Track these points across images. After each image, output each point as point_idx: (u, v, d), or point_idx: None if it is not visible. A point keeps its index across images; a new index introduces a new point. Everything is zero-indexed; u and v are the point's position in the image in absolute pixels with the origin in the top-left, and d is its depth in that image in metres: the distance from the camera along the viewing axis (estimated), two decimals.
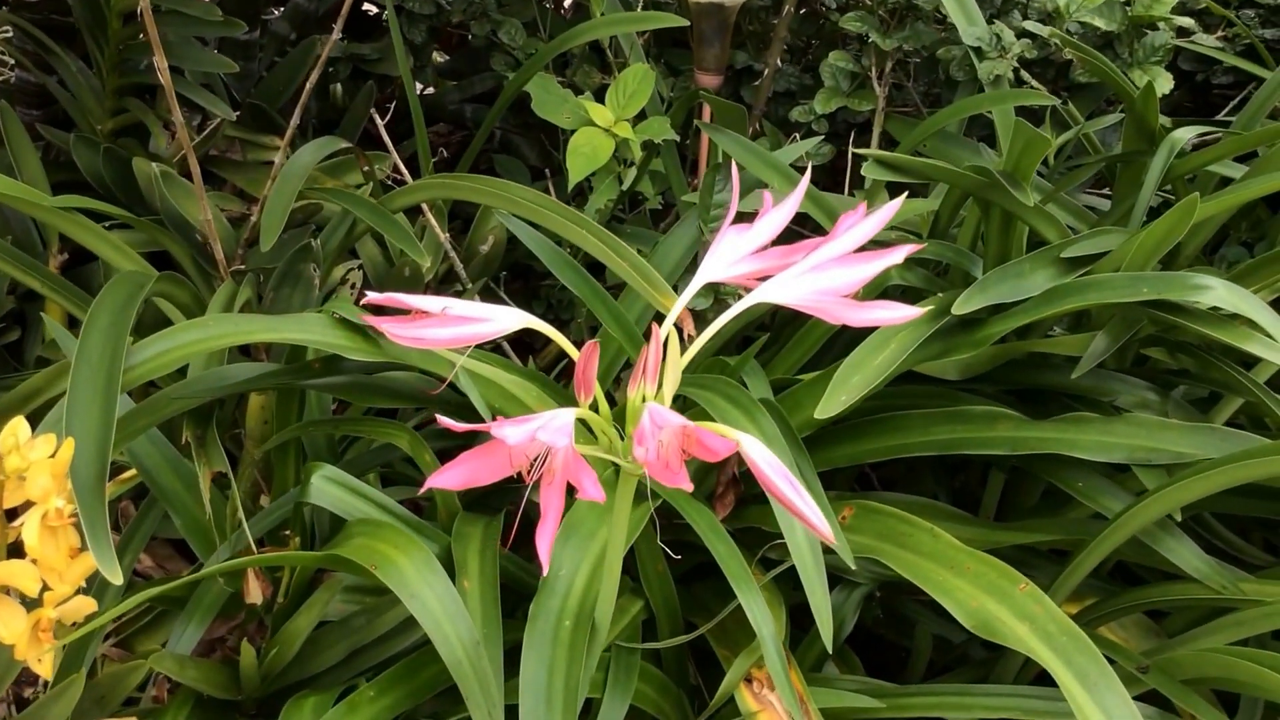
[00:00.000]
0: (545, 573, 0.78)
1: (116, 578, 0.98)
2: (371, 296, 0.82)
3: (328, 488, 1.27)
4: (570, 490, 0.81)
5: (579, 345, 1.87)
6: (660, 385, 0.88)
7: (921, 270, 1.58)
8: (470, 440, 0.79)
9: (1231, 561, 1.40)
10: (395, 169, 1.88)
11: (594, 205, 1.78)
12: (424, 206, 1.74)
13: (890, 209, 0.90)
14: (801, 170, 1.65)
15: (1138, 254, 1.30)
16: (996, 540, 1.39)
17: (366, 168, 1.85)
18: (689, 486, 0.75)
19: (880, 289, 1.53)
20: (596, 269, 1.47)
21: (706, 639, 1.37)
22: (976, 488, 1.60)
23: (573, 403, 0.82)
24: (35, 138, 1.92)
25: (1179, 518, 1.25)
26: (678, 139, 1.78)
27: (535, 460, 0.79)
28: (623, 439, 0.89)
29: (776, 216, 0.94)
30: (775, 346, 1.63)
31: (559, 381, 2.01)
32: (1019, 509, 1.53)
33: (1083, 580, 1.35)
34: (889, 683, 1.42)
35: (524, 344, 2.12)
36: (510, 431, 0.72)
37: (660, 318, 1.37)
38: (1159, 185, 1.51)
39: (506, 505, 1.39)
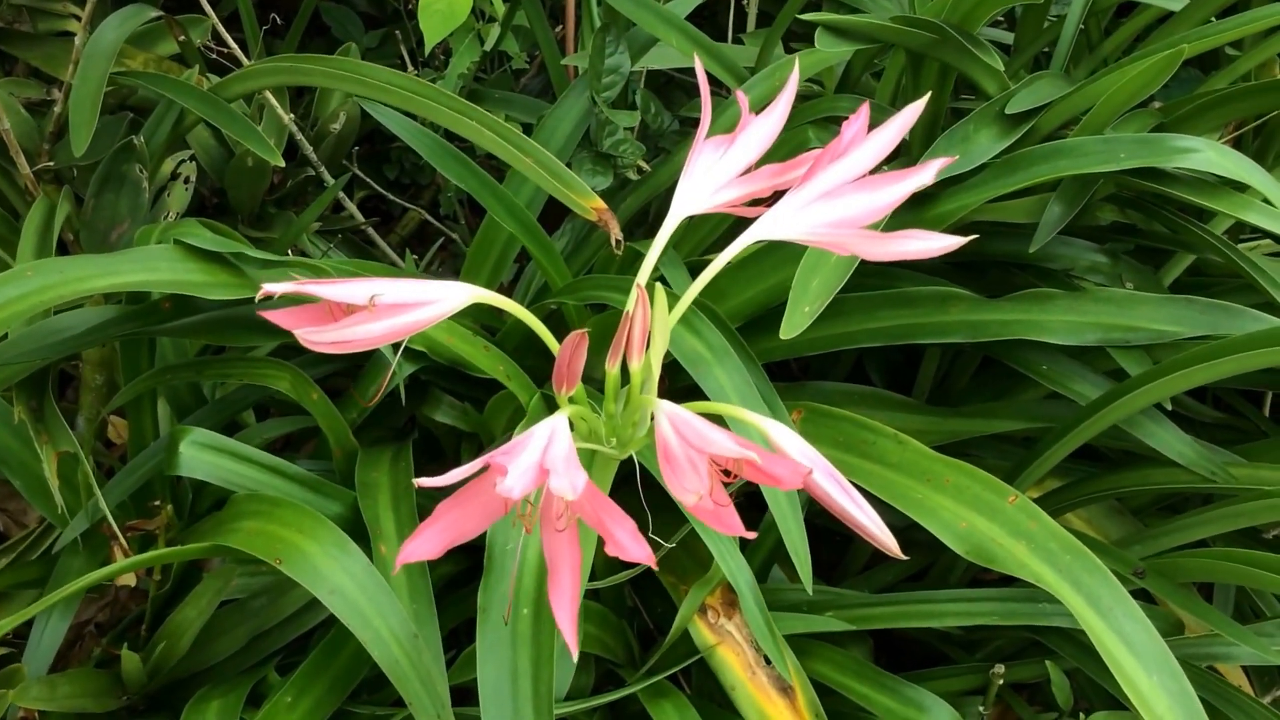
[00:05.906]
0: (574, 655, 0.60)
1: None
2: (268, 287, 0.60)
3: (201, 455, 1.08)
4: None
5: (445, 220, 1.64)
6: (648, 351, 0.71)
7: (835, 129, 1.42)
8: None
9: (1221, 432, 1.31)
10: (215, 35, 1.61)
11: (455, 70, 1.56)
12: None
13: (911, 112, 0.73)
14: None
15: (1103, 109, 1.15)
16: (954, 431, 1.28)
17: (182, 37, 1.59)
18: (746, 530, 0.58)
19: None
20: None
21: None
22: (906, 365, 1.47)
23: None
24: None
25: (1169, 406, 1.14)
26: None
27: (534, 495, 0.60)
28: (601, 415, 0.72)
29: (762, 128, 0.77)
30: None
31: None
32: (956, 389, 1.40)
33: None
34: (836, 587, 1.32)
35: (382, 214, 1.92)
36: (515, 481, 0.53)
37: (562, 210, 1.19)
38: (1083, 19, 1.35)
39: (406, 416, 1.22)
